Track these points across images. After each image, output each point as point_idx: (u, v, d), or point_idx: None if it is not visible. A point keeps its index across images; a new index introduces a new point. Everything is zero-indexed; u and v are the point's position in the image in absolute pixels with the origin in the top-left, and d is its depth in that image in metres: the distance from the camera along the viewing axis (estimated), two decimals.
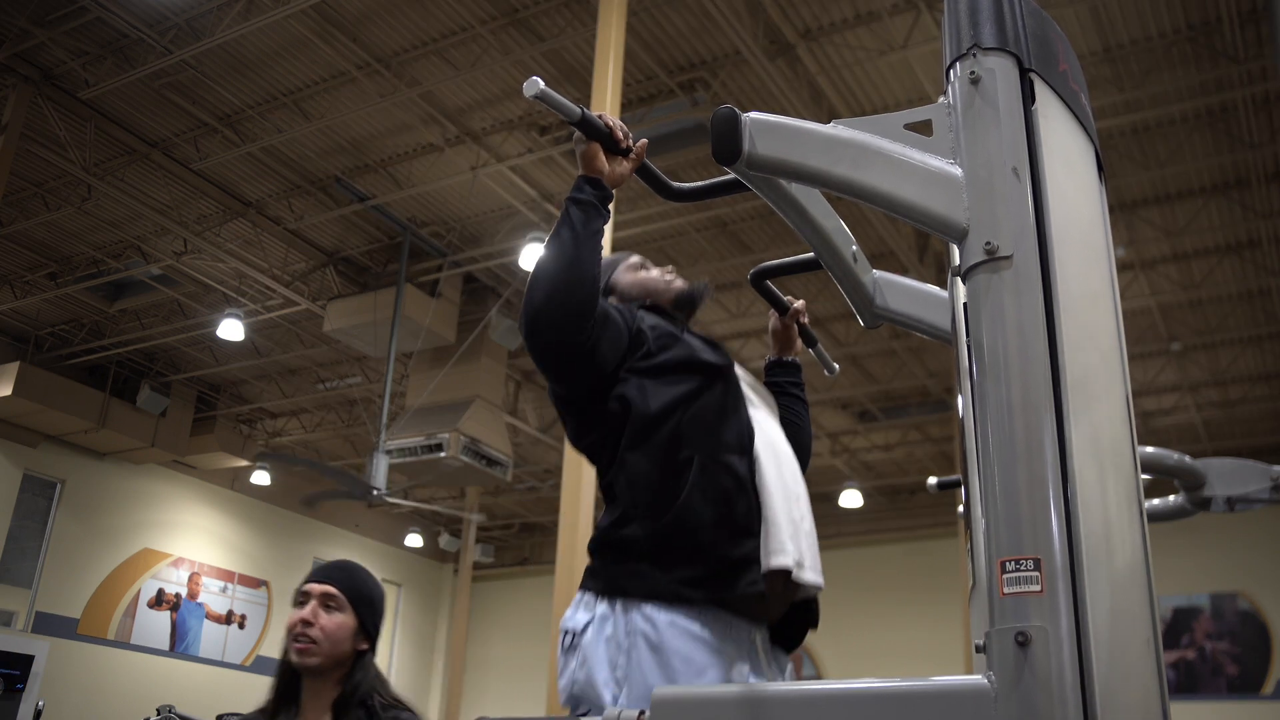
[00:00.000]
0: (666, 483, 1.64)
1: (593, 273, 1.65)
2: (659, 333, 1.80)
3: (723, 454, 1.68)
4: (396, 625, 18.87)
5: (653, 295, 2.01)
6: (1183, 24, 7.56)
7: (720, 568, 1.60)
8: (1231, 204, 9.31)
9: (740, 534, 1.63)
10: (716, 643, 1.58)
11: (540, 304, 1.63)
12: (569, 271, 1.63)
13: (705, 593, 1.59)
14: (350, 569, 2.20)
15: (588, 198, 1.69)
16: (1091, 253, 1.35)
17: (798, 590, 1.75)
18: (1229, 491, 2.66)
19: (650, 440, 1.68)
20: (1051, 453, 1.16)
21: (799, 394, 2.20)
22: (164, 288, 12.08)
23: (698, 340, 1.84)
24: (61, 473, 13.81)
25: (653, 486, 1.64)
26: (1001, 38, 1.36)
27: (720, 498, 1.64)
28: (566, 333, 1.64)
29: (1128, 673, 1.14)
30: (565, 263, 1.63)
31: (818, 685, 1.24)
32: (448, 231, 10.83)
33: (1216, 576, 13.97)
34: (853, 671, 14.99)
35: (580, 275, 1.63)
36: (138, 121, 9.42)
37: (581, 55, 8.22)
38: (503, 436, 11.49)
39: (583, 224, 1.66)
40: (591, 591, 1.65)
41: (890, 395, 13.49)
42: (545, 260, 1.66)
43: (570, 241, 1.65)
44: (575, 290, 1.63)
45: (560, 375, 1.76)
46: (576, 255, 1.64)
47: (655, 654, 1.55)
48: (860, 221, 9.50)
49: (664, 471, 1.65)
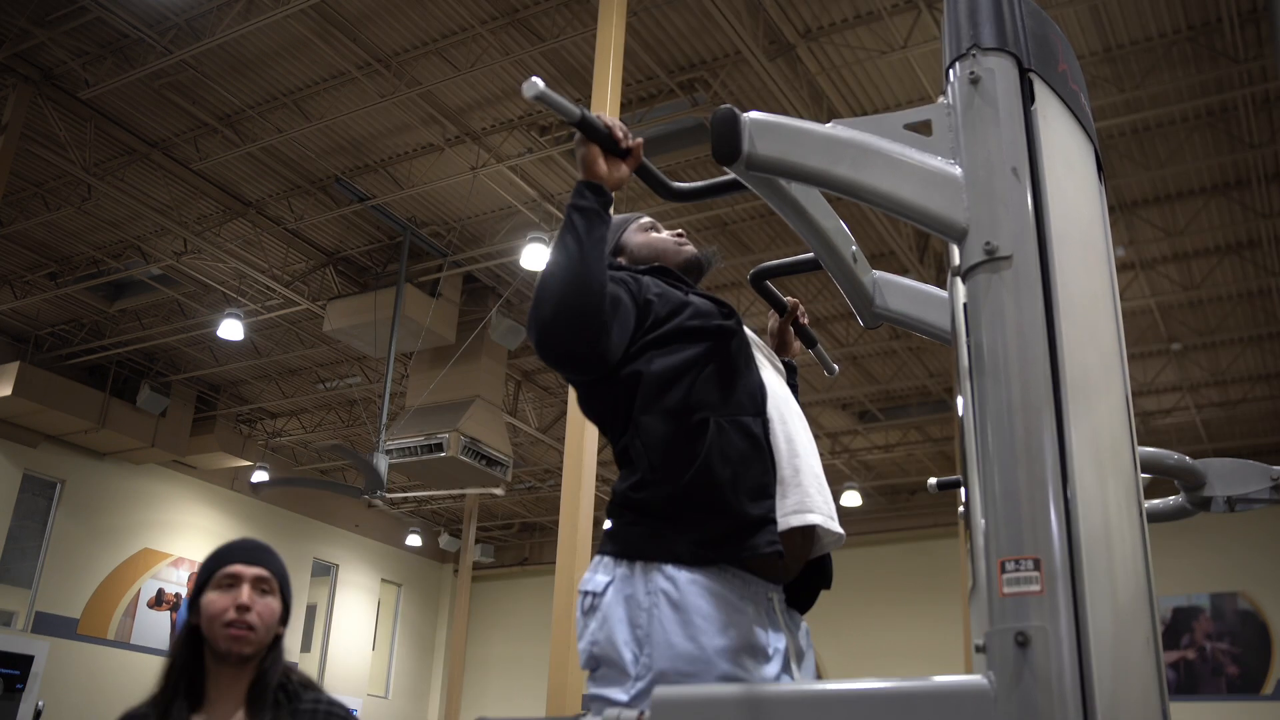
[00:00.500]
0: (683, 445, 1.65)
1: (600, 281, 1.65)
2: (666, 299, 1.80)
3: (738, 414, 1.69)
4: (396, 625, 18.87)
5: (662, 257, 2.01)
6: (1183, 24, 7.57)
7: (739, 527, 1.61)
8: (1231, 204, 9.31)
9: (758, 494, 1.65)
10: (738, 601, 1.59)
11: (549, 318, 1.63)
12: (577, 281, 1.63)
13: (725, 552, 1.60)
14: (270, 549, 2.04)
15: (589, 204, 1.69)
16: (1091, 253, 1.35)
17: (814, 548, 1.75)
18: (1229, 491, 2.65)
19: (664, 404, 1.69)
20: (1051, 453, 1.16)
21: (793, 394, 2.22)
22: (164, 288, 12.08)
23: (706, 302, 1.84)
24: (61, 473, 13.81)
25: (670, 449, 1.65)
26: (1001, 38, 1.36)
27: (738, 458, 1.64)
28: (578, 344, 1.64)
29: (1128, 673, 1.14)
30: (572, 273, 1.64)
31: (818, 685, 1.24)
32: (448, 231, 10.83)
33: (1216, 576, 13.97)
34: (853, 671, 14.99)
35: (588, 284, 1.63)
36: (138, 121, 9.42)
37: (581, 55, 8.22)
38: (503, 436, 11.49)
39: (586, 232, 1.67)
40: (610, 554, 1.65)
41: (890, 395, 13.49)
42: (551, 271, 1.66)
43: (575, 251, 1.65)
44: (584, 301, 1.63)
45: (574, 375, 1.78)
46: (583, 264, 1.64)
47: (677, 612, 1.55)
48: (860, 221, 9.50)
49: (680, 434, 1.66)
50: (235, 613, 1.89)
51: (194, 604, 1.96)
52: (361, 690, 17.51)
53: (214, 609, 1.91)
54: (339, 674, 17.07)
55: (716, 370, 1.72)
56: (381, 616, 18.63)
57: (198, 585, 1.97)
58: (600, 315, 1.64)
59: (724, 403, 1.69)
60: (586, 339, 1.63)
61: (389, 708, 18.23)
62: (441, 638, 19.39)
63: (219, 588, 1.93)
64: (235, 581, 1.93)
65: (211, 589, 1.94)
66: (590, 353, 1.65)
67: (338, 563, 17.59)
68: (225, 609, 1.90)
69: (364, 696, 17.53)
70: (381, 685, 18.41)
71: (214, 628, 1.90)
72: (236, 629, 1.88)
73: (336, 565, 17.58)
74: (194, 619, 1.95)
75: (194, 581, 2.00)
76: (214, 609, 1.91)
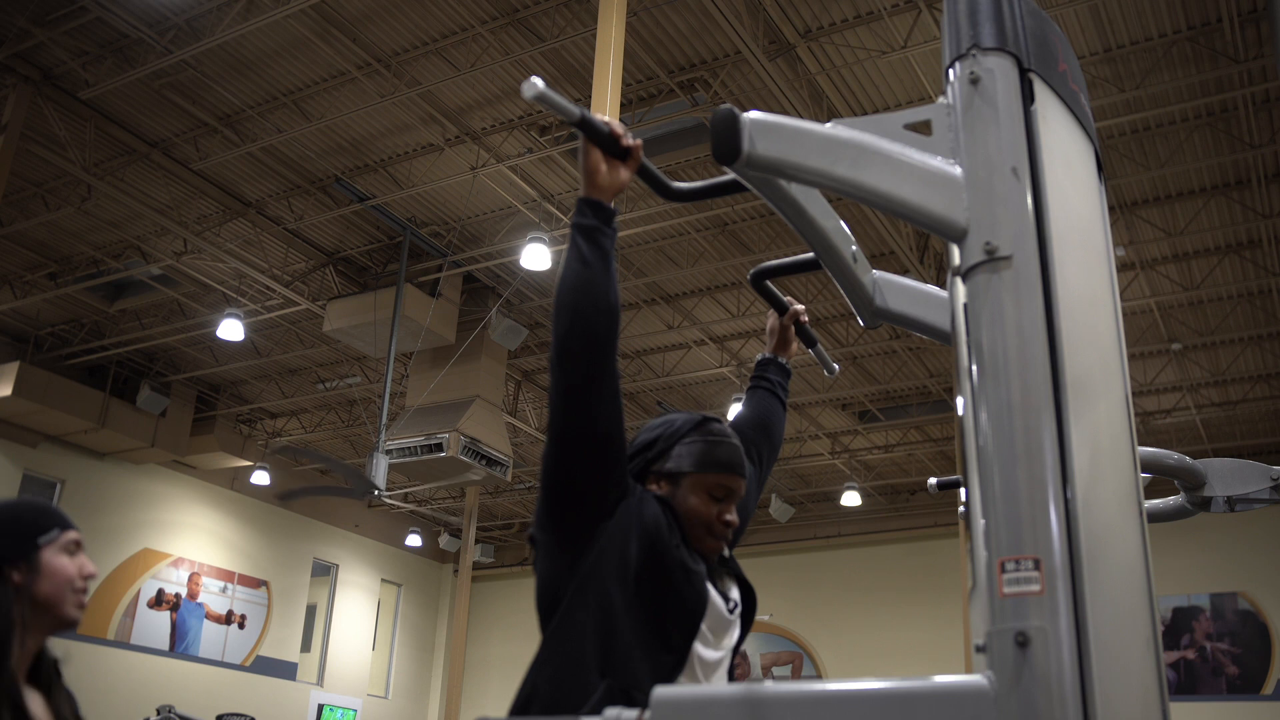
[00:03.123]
0: (571, 691, 1.66)
1: (609, 296, 1.69)
2: (660, 535, 1.74)
3: (632, 690, 1.66)
4: (396, 625, 18.87)
5: (689, 526, 1.84)
6: (1183, 24, 7.57)
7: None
8: (1231, 204, 9.31)
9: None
10: None
11: (564, 333, 1.67)
12: (586, 298, 1.67)
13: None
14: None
15: (591, 222, 1.71)
16: (1091, 253, 1.35)
17: None
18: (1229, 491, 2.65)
19: (586, 634, 1.68)
20: (1051, 453, 1.16)
21: (780, 395, 2.23)
22: (164, 288, 12.08)
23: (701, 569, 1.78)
24: (61, 473, 13.81)
25: (561, 685, 1.66)
26: (1001, 38, 1.36)
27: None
28: (594, 364, 1.67)
29: (1128, 673, 1.14)
30: (581, 291, 1.68)
31: (818, 685, 1.24)
32: (448, 231, 10.83)
33: (1216, 576, 13.97)
34: (853, 671, 15.01)
35: (597, 300, 1.67)
36: (138, 121, 9.42)
37: (581, 55, 8.22)
38: (503, 436, 11.50)
39: (590, 249, 1.70)
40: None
41: (890, 395, 13.49)
42: (562, 291, 1.70)
43: (581, 269, 1.68)
44: (597, 315, 1.67)
45: (575, 423, 1.71)
46: (590, 281, 1.68)
47: None
48: (860, 221, 9.50)
49: (575, 678, 1.66)
50: (83, 581, 1.80)
51: (16, 562, 1.78)
52: (361, 690, 17.51)
53: (64, 576, 1.78)
54: (339, 674, 17.07)
55: (641, 640, 1.69)
56: (381, 616, 18.64)
57: (31, 541, 1.81)
58: (613, 328, 1.68)
59: (627, 674, 1.66)
60: (602, 356, 1.67)
61: (389, 708, 18.23)
62: (441, 638, 19.39)
63: (67, 553, 1.81)
64: (77, 548, 1.82)
65: (59, 551, 1.80)
66: (602, 372, 1.67)
67: (338, 563, 17.60)
68: (74, 578, 1.79)
69: (364, 696, 17.53)
70: (381, 685, 18.41)
71: (62, 594, 1.78)
72: (84, 595, 1.80)
73: (336, 565, 17.58)
74: (21, 578, 1.77)
75: (17, 534, 1.81)
76: (64, 576, 1.78)
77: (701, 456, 1.84)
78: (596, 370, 1.66)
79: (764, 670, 16.80)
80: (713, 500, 1.83)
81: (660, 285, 11.40)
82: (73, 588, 1.79)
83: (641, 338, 12.40)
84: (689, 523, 1.81)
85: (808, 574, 16.74)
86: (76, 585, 1.79)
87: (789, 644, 16.85)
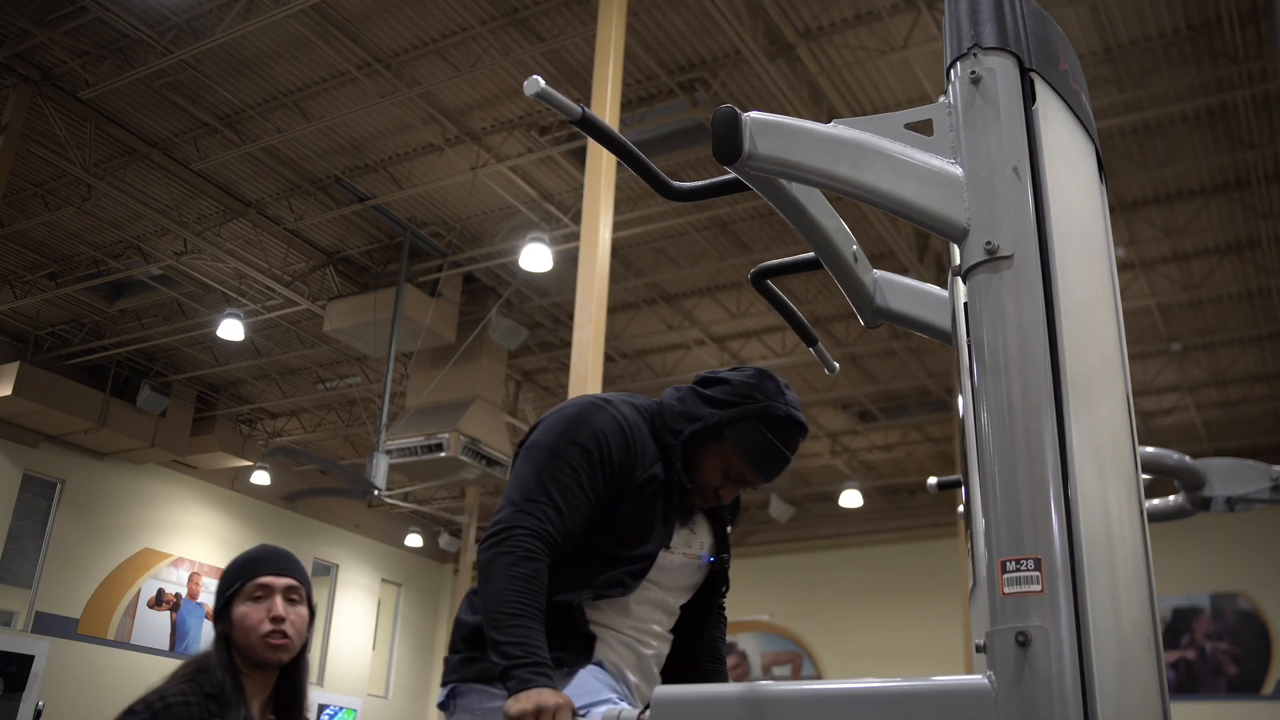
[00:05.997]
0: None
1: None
2: (643, 462, 1.89)
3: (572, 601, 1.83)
4: (396, 625, 18.87)
5: (696, 486, 1.93)
6: (1183, 24, 7.56)
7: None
8: (1231, 204, 9.31)
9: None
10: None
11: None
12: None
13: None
14: (294, 557, 2.13)
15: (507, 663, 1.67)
16: (1092, 253, 1.35)
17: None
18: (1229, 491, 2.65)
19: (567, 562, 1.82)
20: (1051, 453, 1.16)
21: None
22: (164, 288, 12.08)
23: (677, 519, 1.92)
24: (61, 473, 13.80)
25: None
26: (1002, 37, 1.36)
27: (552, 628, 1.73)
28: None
29: (1128, 673, 1.14)
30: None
31: (818, 685, 1.24)
32: (448, 231, 10.83)
33: (1216, 576, 13.97)
34: (853, 671, 15.00)
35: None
36: (138, 121, 9.42)
37: (581, 55, 8.22)
38: (503, 436, 11.49)
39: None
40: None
41: (890, 395, 13.48)
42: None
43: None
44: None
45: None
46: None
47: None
48: (860, 221, 9.50)
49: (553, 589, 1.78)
50: (271, 624, 1.98)
51: (223, 614, 2.03)
52: (361, 690, 17.50)
53: (249, 621, 1.99)
54: (339, 674, 17.07)
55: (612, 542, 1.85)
56: (381, 616, 18.63)
57: (226, 595, 2.04)
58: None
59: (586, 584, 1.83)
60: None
61: (389, 708, 18.22)
62: (441, 638, 19.37)
63: (251, 599, 2.01)
64: (267, 593, 2.01)
65: (243, 600, 2.01)
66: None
67: (338, 563, 17.59)
68: (260, 621, 1.98)
69: (364, 696, 17.52)
70: (381, 685, 18.40)
71: (250, 638, 1.98)
72: (276, 639, 1.98)
73: (336, 565, 17.57)
74: (224, 628, 2.02)
75: (220, 590, 2.07)
76: (249, 621, 1.99)
77: (753, 448, 1.87)
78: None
79: (764, 670, 16.80)
80: (728, 479, 1.90)
81: (660, 285, 11.40)
82: (259, 633, 1.98)
83: (641, 338, 12.40)
84: (696, 478, 1.90)
85: (808, 574, 16.75)
86: (262, 630, 1.98)
87: (789, 644, 16.85)
